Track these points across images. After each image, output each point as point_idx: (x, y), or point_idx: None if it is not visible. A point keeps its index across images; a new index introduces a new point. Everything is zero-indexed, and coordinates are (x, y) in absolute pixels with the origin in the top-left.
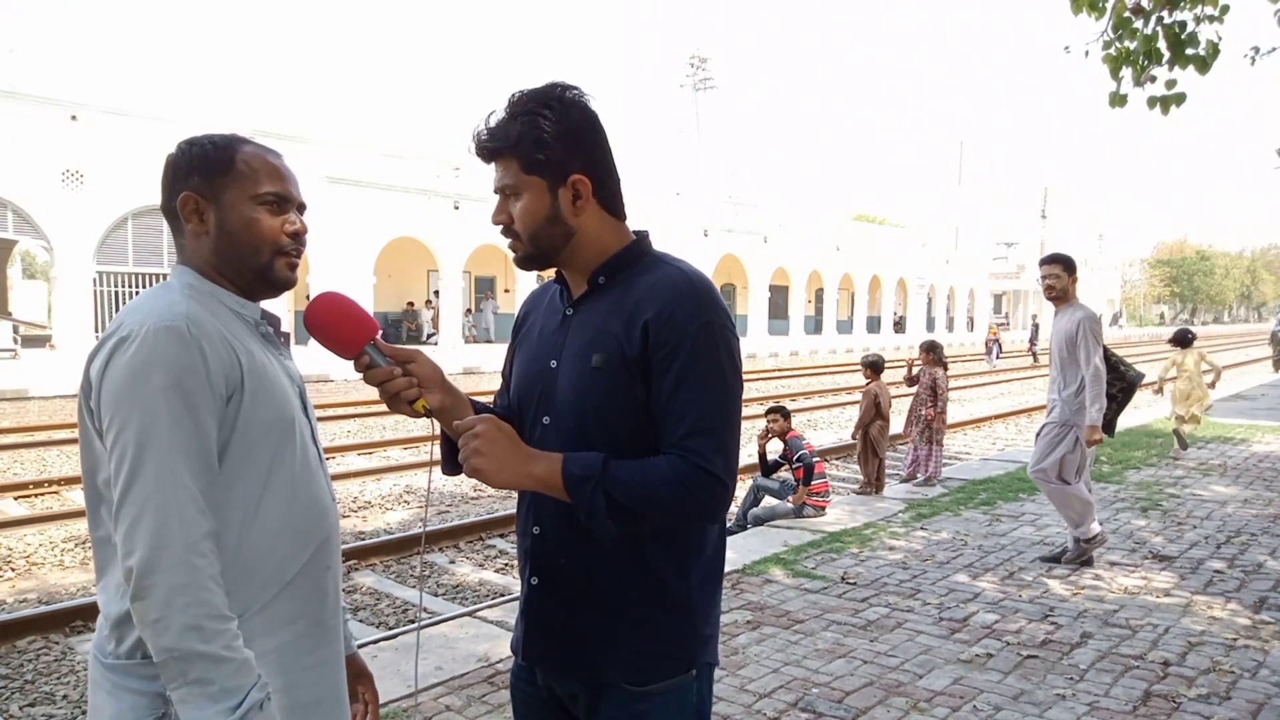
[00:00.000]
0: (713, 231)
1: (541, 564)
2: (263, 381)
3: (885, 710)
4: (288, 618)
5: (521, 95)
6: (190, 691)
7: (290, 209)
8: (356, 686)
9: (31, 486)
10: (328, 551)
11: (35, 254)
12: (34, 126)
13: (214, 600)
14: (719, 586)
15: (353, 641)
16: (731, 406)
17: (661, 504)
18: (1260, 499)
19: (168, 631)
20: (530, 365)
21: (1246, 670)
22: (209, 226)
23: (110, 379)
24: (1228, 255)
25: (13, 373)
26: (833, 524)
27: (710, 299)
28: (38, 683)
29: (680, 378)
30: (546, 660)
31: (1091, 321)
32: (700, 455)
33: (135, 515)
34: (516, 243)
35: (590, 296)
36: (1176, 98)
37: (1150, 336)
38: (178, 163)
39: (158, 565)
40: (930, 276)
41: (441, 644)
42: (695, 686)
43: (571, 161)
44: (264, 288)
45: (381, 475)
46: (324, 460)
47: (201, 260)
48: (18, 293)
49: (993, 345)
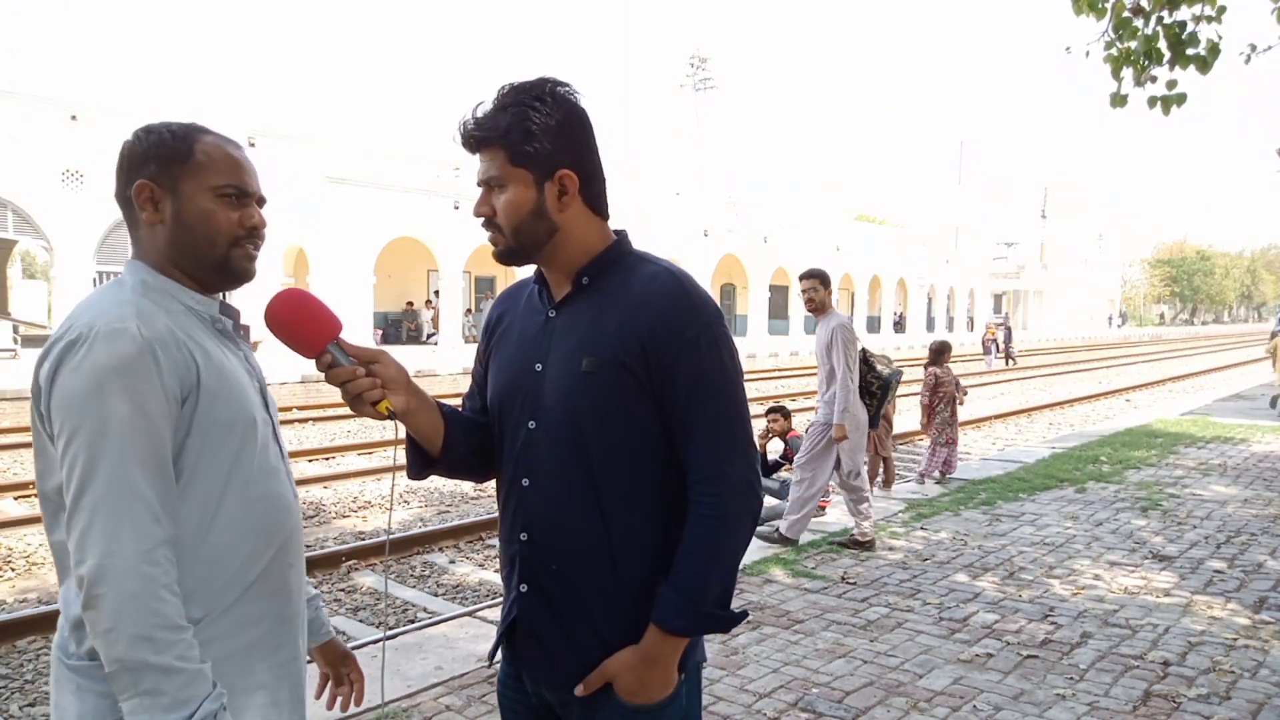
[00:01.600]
0: (713, 231)
1: (530, 570)
2: (221, 380)
3: (885, 710)
4: (253, 617)
5: (511, 87)
6: (141, 703)
7: (250, 202)
8: (340, 669)
9: (31, 486)
10: (290, 549)
11: (35, 254)
12: (34, 126)
13: (166, 610)
14: None
15: (329, 628)
16: (742, 401)
17: (733, 547)
18: (1260, 499)
19: (118, 642)
20: (510, 368)
21: (1246, 670)
22: (164, 216)
23: (60, 384)
24: (1228, 255)
25: (13, 373)
26: (833, 524)
27: (701, 298)
28: (38, 683)
29: (690, 387)
30: (538, 667)
31: (844, 330)
32: (734, 480)
33: (87, 523)
34: (498, 236)
35: (574, 298)
36: (1177, 98)
37: (1151, 336)
38: (134, 150)
39: (108, 574)
40: (930, 276)
41: (441, 644)
42: (684, 689)
43: (560, 156)
44: (221, 280)
45: (381, 475)
46: (285, 457)
47: (156, 253)
48: (18, 293)
49: (990, 345)
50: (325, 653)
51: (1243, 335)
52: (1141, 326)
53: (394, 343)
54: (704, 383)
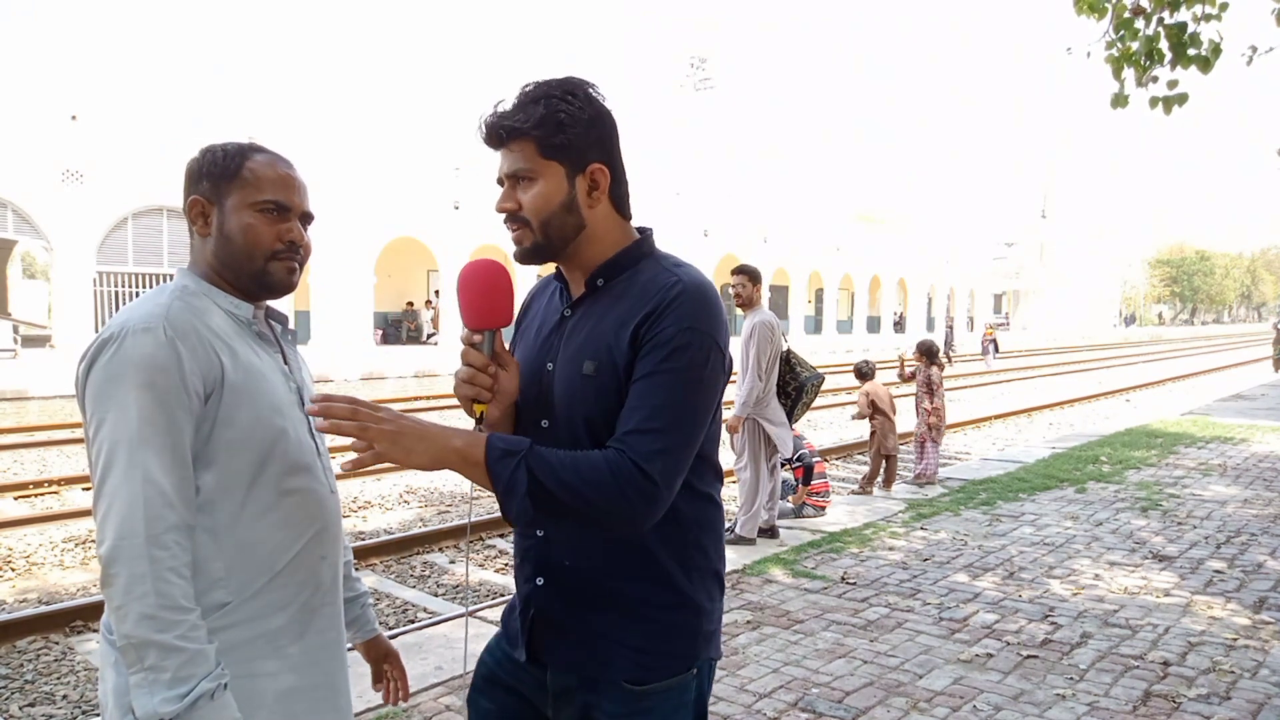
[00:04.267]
0: (713, 231)
1: (546, 565)
2: (248, 379)
3: (885, 710)
4: (278, 604)
5: (540, 83)
6: (145, 677)
7: (291, 218)
8: (383, 665)
9: (31, 486)
10: (323, 541)
11: (35, 254)
12: (34, 126)
13: (172, 591)
14: (722, 584)
15: (374, 625)
16: (691, 414)
17: (586, 494)
18: (1260, 499)
19: (126, 619)
20: (528, 367)
21: (1246, 670)
22: (211, 229)
23: (92, 379)
24: (1228, 255)
25: (13, 373)
26: (833, 524)
27: (704, 308)
28: (38, 683)
29: (647, 373)
30: (551, 657)
31: (763, 327)
32: (640, 453)
33: (106, 508)
34: (525, 231)
35: (588, 299)
36: (1179, 98)
37: (1151, 336)
38: (192, 168)
39: (120, 555)
40: (930, 276)
41: (442, 644)
42: (695, 683)
43: (592, 150)
44: (260, 290)
45: (381, 475)
46: (324, 453)
47: (204, 263)
48: (18, 293)
49: (989, 345)
50: (369, 649)
51: (1243, 335)
52: (1142, 326)
53: (394, 343)
54: (661, 376)
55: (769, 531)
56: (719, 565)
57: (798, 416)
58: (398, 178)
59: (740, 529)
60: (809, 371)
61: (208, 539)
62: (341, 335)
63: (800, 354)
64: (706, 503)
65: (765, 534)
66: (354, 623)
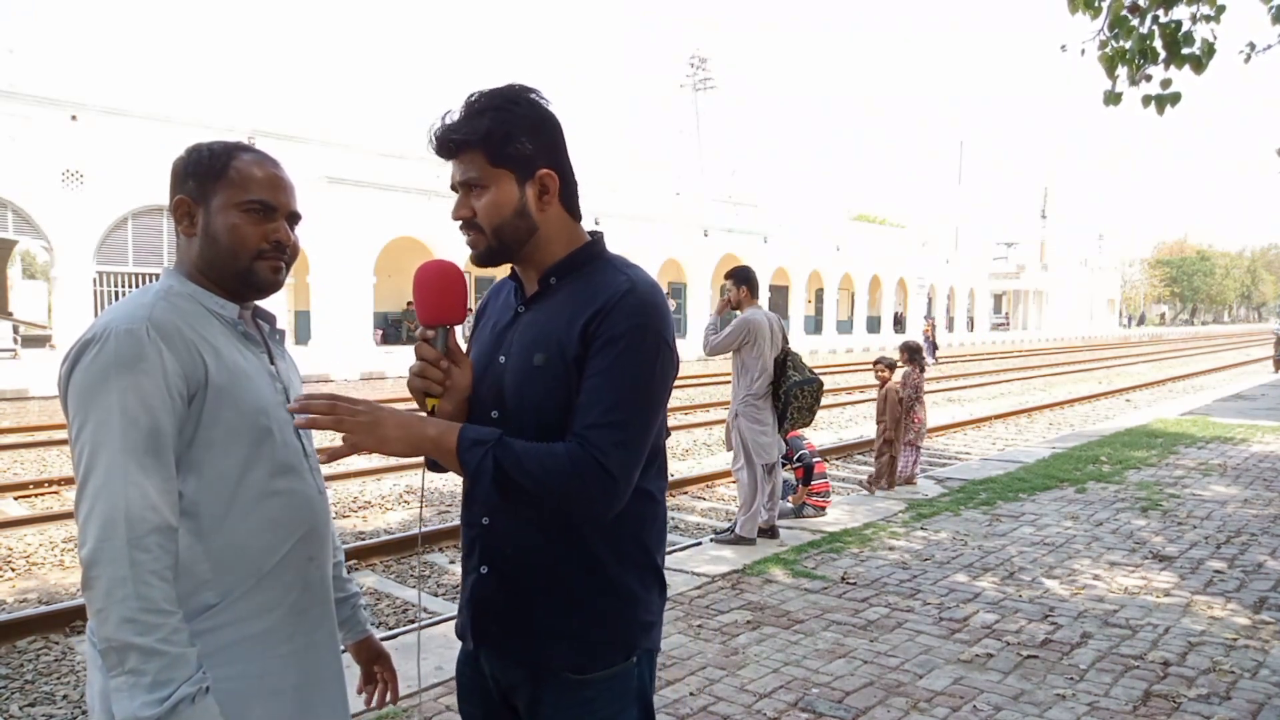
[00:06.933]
0: (713, 231)
1: (490, 553)
2: (233, 380)
3: (885, 710)
4: (266, 606)
5: (483, 93)
6: (126, 680)
7: (277, 217)
8: (373, 667)
9: (31, 486)
10: (311, 542)
11: (35, 254)
12: (34, 126)
13: (153, 594)
14: (661, 579)
15: (366, 626)
16: (646, 408)
17: (549, 484)
18: (1260, 499)
19: (107, 622)
20: (481, 360)
21: (1246, 670)
22: (197, 229)
23: (74, 380)
24: (1228, 255)
25: (13, 373)
26: (833, 524)
27: (652, 307)
28: (38, 683)
29: (601, 369)
30: (495, 646)
31: (746, 321)
32: (598, 447)
33: (88, 510)
34: (479, 237)
35: (541, 296)
36: (1172, 97)
37: (1150, 336)
38: (178, 167)
39: (101, 558)
40: (930, 276)
41: (442, 644)
42: (636, 672)
43: (540, 156)
44: (247, 290)
45: (381, 475)
46: (311, 454)
47: (189, 263)
48: (18, 293)
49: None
50: (359, 650)
51: (1243, 335)
52: (1142, 326)
53: (394, 342)
54: (616, 371)
55: (769, 531)
56: (658, 561)
57: (797, 423)
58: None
59: (740, 529)
60: (801, 375)
61: (193, 540)
62: (341, 335)
63: (801, 357)
64: (645, 499)
65: (765, 534)
66: (345, 624)
